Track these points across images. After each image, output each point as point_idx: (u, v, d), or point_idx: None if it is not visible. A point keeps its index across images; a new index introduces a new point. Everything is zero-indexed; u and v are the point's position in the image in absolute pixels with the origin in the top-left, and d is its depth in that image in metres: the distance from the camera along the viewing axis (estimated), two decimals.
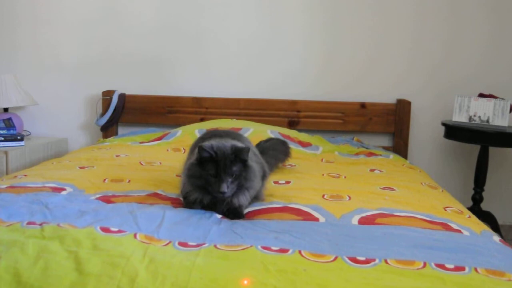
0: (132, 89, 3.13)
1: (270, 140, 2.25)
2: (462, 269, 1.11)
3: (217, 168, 1.39)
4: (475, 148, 2.90)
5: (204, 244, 1.22)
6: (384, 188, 1.86)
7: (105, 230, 1.26)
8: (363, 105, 2.99)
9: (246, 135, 2.62)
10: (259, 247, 1.19)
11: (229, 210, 1.46)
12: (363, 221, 1.44)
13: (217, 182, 1.39)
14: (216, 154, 1.40)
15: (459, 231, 1.39)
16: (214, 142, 1.45)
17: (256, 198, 1.59)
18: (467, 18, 2.98)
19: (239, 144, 1.48)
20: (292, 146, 2.60)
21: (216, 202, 1.46)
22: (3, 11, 3.16)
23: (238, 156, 1.42)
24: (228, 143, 1.45)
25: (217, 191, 1.38)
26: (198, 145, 1.44)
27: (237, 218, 1.44)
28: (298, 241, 1.24)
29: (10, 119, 2.85)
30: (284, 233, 1.30)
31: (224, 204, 1.46)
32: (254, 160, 1.57)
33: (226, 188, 1.38)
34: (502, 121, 2.63)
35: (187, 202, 1.51)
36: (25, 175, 1.92)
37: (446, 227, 1.42)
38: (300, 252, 1.17)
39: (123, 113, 3.09)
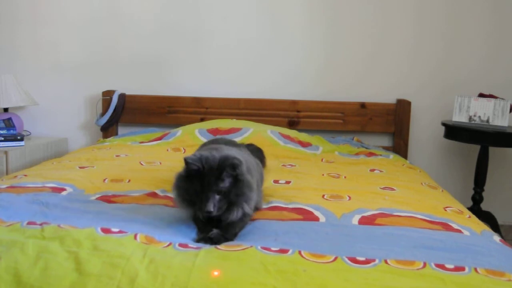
0: (132, 89, 3.13)
1: (250, 145, 2.16)
2: (462, 269, 1.11)
3: (203, 184, 1.27)
4: (475, 148, 2.90)
5: (204, 244, 1.22)
6: (384, 188, 1.86)
7: (106, 230, 1.26)
8: (363, 105, 2.98)
9: (246, 135, 2.62)
10: (259, 247, 1.19)
11: (219, 226, 1.32)
12: (363, 221, 1.44)
13: (203, 201, 1.26)
14: (204, 168, 1.27)
15: (459, 231, 1.39)
16: (204, 152, 1.33)
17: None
18: (467, 18, 2.98)
19: (230, 154, 1.34)
20: (292, 146, 2.61)
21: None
22: (3, 11, 3.16)
23: (228, 170, 1.28)
24: (218, 153, 1.32)
25: (203, 210, 1.25)
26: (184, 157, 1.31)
27: (224, 239, 1.28)
28: (298, 242, 1.24)
29: (10, 119, 2.85)
30: (284, 234, 1.30)
31: (215, 221, 1.32)
32: (253, 173, 1.45)
33: (213, 207, 1.24)
34: (502, 121, 2.63)
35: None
36: (25, 175, 1.92)
37: (446, 227, 1.42)
38: (300, 252, 1.17)
39: (123, 113, 3.09)
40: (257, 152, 2.11)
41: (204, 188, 1.27)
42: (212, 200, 1.25)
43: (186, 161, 1.30)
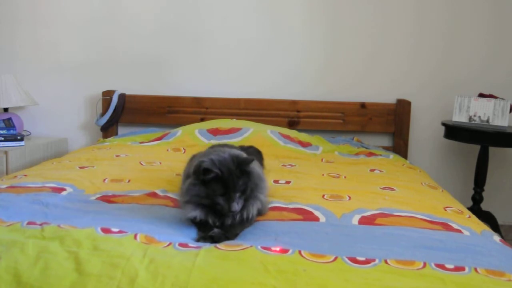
0: (132, 89, 3.13)
1: (250, 147, 2.17)
2: (462, 269, 1.11)
3: (226, 187, 1.32)
4: (475, 148, 2.90)
5: (204, 244, 1.22)
6: (384, 188, 1.86)
7: (106, 230, 1.26)
8: (363, 105, 2.99)
9: (246, 135, 2.62)
10: (259, 247, 1.19)
11: (222, 228, 1.36)
12: (363, 221, 1.44)
13: (227, 201, 1.32)
14: (222, 172, 1.32)
15: (459, 231, 1.39)
16: (213, 156, 1.37)
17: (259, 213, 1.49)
18: (467, 18, 2.98)
19: (236, 152, 1.41)
20: (292, 146, 2.61)
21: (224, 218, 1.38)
22: (3, 11, 3.16)
23: (243, 168, 1.36)
24: (226, 154, 1.38)
25: (228, 210, 1.32)
26: (200, 165, 1.33)
27: (225, 237, 1.32)
28: (298, 242, 1.24)
29: (10, 119, 2.85)
30: (284, 234, 1.30)
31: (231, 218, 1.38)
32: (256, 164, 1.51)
33: (237, 206, 1.33)
34: (502, 121, 2.63)
35: (198, 229, 1.40)
36: (25, 175, 1.92)
37: (446, 227, 1.42)
38: (300, 252, 1.17)
39: (123, 113, 3.09)
40: (256, 155, 2.11)
41: (228, 190, 1.32)
42: (236, 199, 1.33)
43: (205, 169, 1.32)
